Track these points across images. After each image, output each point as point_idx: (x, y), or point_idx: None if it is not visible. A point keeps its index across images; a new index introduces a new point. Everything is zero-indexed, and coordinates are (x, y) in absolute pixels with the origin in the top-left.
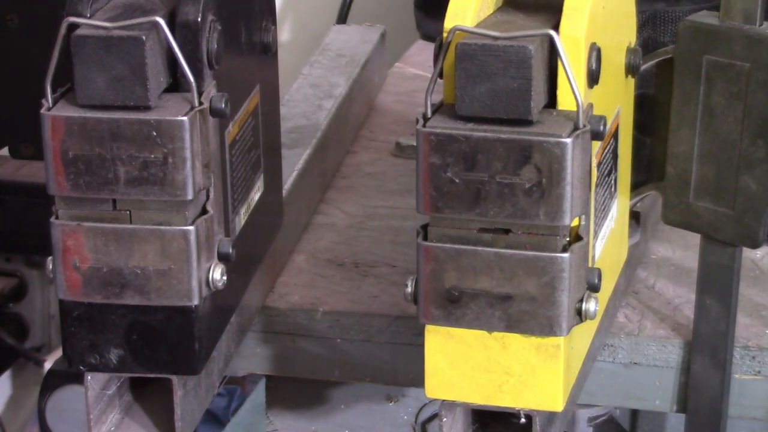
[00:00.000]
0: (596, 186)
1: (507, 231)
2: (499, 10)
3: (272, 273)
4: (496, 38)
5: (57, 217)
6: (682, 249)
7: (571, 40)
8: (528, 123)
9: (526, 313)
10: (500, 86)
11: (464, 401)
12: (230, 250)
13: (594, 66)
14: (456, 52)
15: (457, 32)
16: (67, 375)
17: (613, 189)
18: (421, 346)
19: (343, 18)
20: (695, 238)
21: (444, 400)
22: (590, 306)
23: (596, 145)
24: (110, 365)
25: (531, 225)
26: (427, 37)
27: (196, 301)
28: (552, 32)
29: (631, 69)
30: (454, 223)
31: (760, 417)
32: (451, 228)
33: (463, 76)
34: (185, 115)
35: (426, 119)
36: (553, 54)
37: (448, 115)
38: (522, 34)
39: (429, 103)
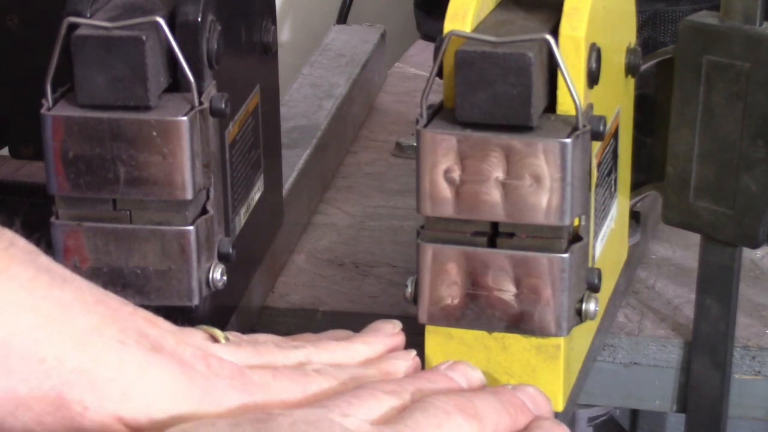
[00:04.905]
0: (596, 186)
1: (507, 231)
2: (499, 7)
3: (272, 273)
4: (495, 44)
5: (57, 217)
6: (682, 249)
7: (571, 40)
8: (528, 129)
9: (526, 313)
10: (500, 93)
11: None
12: (230, 250)
13: (594, 66)
14: (455, 60)
15: (453, 37)
16: None
17: (613, 189)
18: (421, 346)
19: (343, 18)
20: (695, 238)
21: None
22: (590, 306)
23: (596, 146)
24: None
25: (531, 225)
26: (427, 37)
27: (196, 301)
28: (549, 37)
29: (631, 69)
30: (454, 223)
31: (760, 417)
32: (450, 228)
33: (463, 83)
34: (185, 115)
35: (425, 123)
36: (552, 55)
37: (448, 120)
38: (520, 39)
39: (425, 106)
